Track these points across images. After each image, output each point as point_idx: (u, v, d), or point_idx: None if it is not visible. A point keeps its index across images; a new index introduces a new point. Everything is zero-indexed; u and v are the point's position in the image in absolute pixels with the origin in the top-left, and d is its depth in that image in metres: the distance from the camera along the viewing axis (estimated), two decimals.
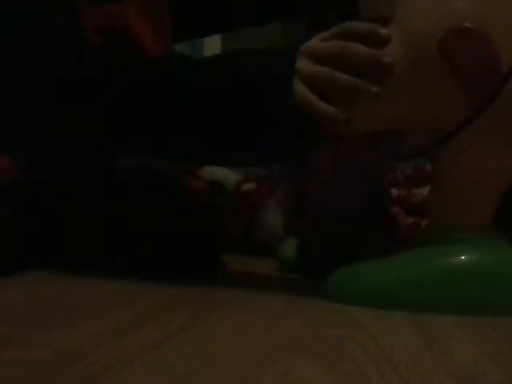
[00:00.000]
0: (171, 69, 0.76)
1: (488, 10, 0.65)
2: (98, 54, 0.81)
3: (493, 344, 0.55)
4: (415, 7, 0.69)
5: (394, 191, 1.11)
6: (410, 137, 0.75)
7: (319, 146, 0.75)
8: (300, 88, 0.68)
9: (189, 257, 0.86)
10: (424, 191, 1.08)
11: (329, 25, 0.70)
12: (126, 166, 0.86)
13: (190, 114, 0.73)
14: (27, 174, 0.80)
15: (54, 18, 0.81)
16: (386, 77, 0.66)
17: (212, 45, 1.85)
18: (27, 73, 0.79)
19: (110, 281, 0.75)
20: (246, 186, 1.25)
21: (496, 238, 0.69)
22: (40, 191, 0.82)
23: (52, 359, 0.43)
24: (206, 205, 0.96)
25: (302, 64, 0.68)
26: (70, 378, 0.39)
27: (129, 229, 0.85)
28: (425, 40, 0.66)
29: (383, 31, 0.68)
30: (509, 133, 0.67)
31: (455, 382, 0.42)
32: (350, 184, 0.88)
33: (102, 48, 0.81)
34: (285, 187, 1.15)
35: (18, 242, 0.79)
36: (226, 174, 1.28)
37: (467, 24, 0.64)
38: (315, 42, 0.70)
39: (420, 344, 0.52)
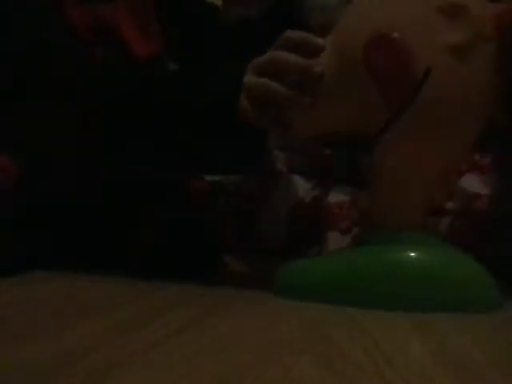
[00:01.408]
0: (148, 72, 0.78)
1: (405, 18, 0.67)
2: (85, 54, 0.81)
3: (493, 344, 0.55)
4: (346, 16, 0.72)
5: None
6: None
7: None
8: (243, 102, 0.71)
9: (189, 257, 0.86)
10: None
11: None
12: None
13: (151, 119, 0.76)
14: (27, 175, 0.80)
15: (41, 17, 0.82)
16: (316, 85, 0.70)
17: None
18: (16, 71, 0.79)
19: (109, 280, 0.75)
20: (247, 185, 1.25)
21: (425, 237, 0.71)
22: (40, 191, 0.82)
23: (52, 359, 0.43)
24: (205, 205, 0.96)
25: (247, 78, 0.72)
26: (70, 378, 0.39)
27: (129, 229, 0.85)
28: (351, 48, 0.69)
29: (318, 40, 0.71)
30: (428, 134, 0.68)
31: (455, 382, 0.42)
32: None
33: (89, 48, 0.82)
34: (285, 186, 1.15)
35: (18, 242, 0.79)
36: None
37: (384, 31, 0.67)
38: (262, 56, 0.73)
39: (420, 344, 0.53)
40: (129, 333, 0.51)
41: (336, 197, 1.07)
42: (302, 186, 1.11)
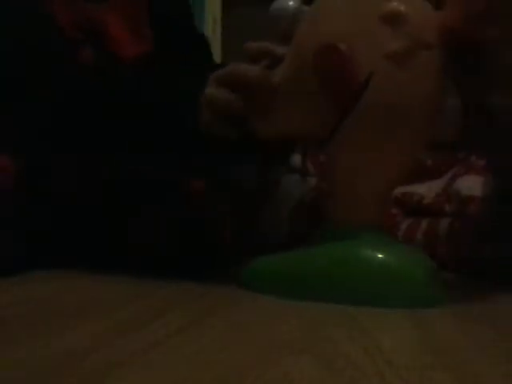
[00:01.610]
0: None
1: (351, 27, 0.70)
2: (74, 54, 0.81)
3: (493, 344, 0.55)
4: (302, 25, 0.74)
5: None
6: None
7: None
8: (206, 112, 0.73)
9: (189, 257, 0.86)
10: (421, 188, 1.08)
11: None
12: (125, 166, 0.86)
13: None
14: (27, 175, 0.80)
15: (31, 17, 0.82)
16: (272, 95, 0.72)
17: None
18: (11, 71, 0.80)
19: (109, 280, 0.75)
20: (246, 185, 1.25)
21: (379, 235, 0.72)
22: (40, 191, 0.82)
23: (52, 359, 0.43)
24: (205, 205, 0.96)
25: (208, 89, 0.73)
26: (70, 378, 0.39)
27: (128, 229, 0.85)
28: (304, 56, 0.71)
29: (278, 49, 0.74)
30: (374, 137, 0.70)
31: (455, 382, 0.42)
32: None
33: (79, 48, 0.82)
34: (285, 186, 1.15)
35: (18, 242, 0.79)
36: None
37: (331, 40, 0.69)
38: (223, 68, 0.74)
39: (420, 344, 0.53)
40: (129, 333, 0.51)
41: None
42: (302, 186, 1.11)
